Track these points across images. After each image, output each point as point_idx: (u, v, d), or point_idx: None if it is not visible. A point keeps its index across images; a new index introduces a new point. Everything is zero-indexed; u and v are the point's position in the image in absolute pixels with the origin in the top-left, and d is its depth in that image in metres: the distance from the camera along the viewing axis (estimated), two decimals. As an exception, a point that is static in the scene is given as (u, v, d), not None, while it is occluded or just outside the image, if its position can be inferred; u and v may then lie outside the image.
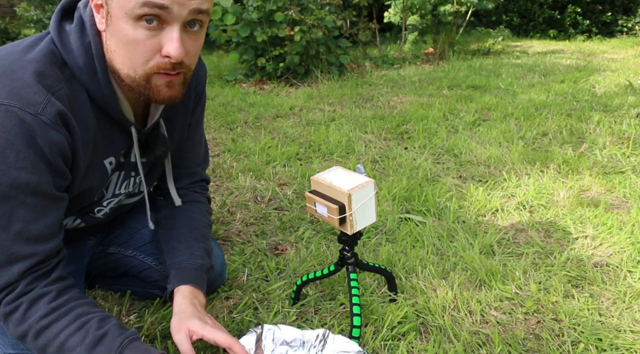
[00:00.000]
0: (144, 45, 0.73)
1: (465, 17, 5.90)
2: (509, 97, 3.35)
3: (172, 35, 0.73)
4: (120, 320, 1.14)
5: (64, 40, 0.79)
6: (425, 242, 1.46)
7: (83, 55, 0.78)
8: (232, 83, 4.10)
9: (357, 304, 1.02)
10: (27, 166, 0.73)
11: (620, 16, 8.32)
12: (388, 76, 4.24)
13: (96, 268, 1.19)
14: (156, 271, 1.16)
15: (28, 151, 0.73)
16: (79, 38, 0.78)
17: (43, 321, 0.77)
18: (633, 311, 1.16)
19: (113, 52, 0.77)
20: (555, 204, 1.71)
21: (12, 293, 0.77)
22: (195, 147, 1.12)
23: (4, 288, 0.77)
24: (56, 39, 0.79)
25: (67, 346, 0.77)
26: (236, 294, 1.24)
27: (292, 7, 3.79)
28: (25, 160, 0.73)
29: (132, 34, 0.73)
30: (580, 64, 4.93)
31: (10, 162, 0.72)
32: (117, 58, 0.77)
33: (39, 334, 0.77)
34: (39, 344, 0.78)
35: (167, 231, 1.07)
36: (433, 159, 2.20)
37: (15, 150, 0.72)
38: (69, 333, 0.77)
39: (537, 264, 1.36)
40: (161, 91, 0.79)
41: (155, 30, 0.73)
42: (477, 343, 1.06)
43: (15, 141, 0.72)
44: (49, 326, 0.77)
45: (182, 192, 1.10)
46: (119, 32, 0.73)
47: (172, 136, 1.02)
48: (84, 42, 0.78)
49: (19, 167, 0.73)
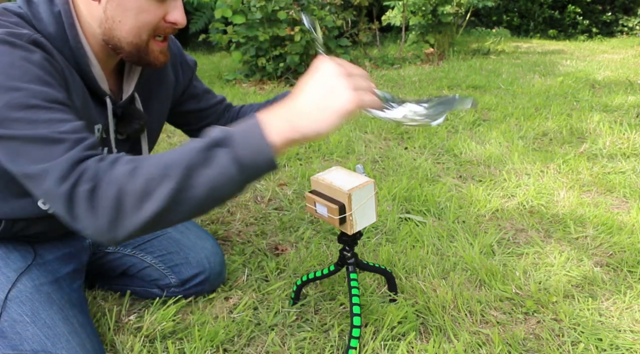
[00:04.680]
0: (154, 14, 0.82)
1: (465, 17, 5.91)
2: (509, 97, 3.35)
3: (177, 4, 0.84)
4: (120, 320, 1.14)
5: (33, 10, 0.80)
6: (425, 242, 1.46)
7: (53, 24, 0.80)
8: (232, 83, 4.10)
9: (357, 304, 1.02)
10: (35, 79, 0.72)
11: (621, 16, 8.32)
12: (388, 76, 4.24)
13: (95, 268, 1.19)
14: (155, 270, 1.16)
15: (30, 66, 0.72)
16: (47, 7, 0.80)
17: (131, 164, 0.67)
18: (633, 311, 1.15)
19: (118, 22, 0.81)
20: (555, 204, 1.71)
21: (84, 174, 0.66)
22: (208, 94, 1.20)
23: (73, 169, 0.66)
24: (25, 8, 0.80)
25: (166, 164, 0.66)
26: (236, 294, 1.23)
27: (293, 7, 3.79)
28: (31, 74, 0.71)
29: (146, 4, 0.80)
30: (580, 64, 4.93)
31: (17, 76, 0.70)
32: (123, 27, 0.82)
33: (135, 172, 0.65)
34: (138, 186, 0.64)
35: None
36: (433, 159, 2.20)
37: (17, 66, 0.70)
38: (160, 156, 0.68)
39: (537, 264, 1.36)
40: (158, 56, 0.88)
41: (164, 1, 0.82)
42: (477, 343, 1.06)
43: (13, 61, 0.70)
44: (139, 164, 0.66)
45: (230, 120, 1.19)
46: (130, 3, 0.80)
47: (149, 112, 1.03)
48: (53, 11, 0.80)
49: (27, 80, 0.71)
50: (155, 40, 0.86)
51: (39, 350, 0.87)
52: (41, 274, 0.97)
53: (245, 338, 1.08)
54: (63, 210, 0.66)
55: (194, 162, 0.65)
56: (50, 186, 0.66)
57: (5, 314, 0.89)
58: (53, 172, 0.66)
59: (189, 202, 0.66)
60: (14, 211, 0.91)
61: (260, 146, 0.65)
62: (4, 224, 0.92)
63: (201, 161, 0.65)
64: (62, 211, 0.66)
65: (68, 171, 0.66)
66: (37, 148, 0.68)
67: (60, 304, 0.94)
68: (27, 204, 0.90)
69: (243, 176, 0.66)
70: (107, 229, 0.66)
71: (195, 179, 0.65)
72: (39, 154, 0.67)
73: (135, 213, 0.65)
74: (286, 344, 1.06)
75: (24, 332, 0.88)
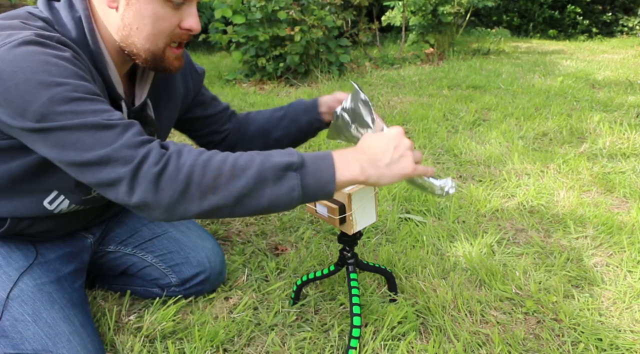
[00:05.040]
0: (170, 21, 0.83)
1: (465, 17, 5.91)
2: (509, 97, 3.35)
3: (192, 11, 0.85)
4: (120, 320, 1.14)
5: (55, 15, 0.81)
6: (425, 242, 1.47)
7: (75, 28, 0.81)
8: (232, 83, 4.10)
9: (357, 304, 1.02)
10: (73, 74, 0.73)
11: (621, 16, 8.32)
12: (388, 76, 4.24)
13: (96, 267, 1.19)
14: (156, 269, 1.16)
15: (65, 63, 0.73)
16: (68, 13, 0.81)
17: (203, 156, 0.73)
18: (633, 311, 1.16)
19: (135, 29, 0.82)
20: (555, 204, 1.71)
21: (150, 155, 0.71)
22: (215, 102, 1.21)
23: (136, 152, 0.71)
24: (47, 13, 0.81)
25: (240, 166, 0.73)
26: (236, 294, 1.24)
27: (292, 7, 3.79)
28: (69, 70, 0.73)
29: (162, 12, 0.82)
30: (580, 64, 4.93)
31: (55, 72, 0.71)
32: (140, 34, 0.83)
33: (206, 166, 0.72)
34: (208, 177, 0.72)
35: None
36: (433, 159, 2.20)
37: (54, 64, 0.71)
38: (235, 157, 0.75)
39: (537, 264, 1.36)
40: (173, 62, 0.89)
41: (179, 8, 0.83)
42: (477, 343, 1.06)
43: (49, 59, 0.71)
44: (211, 158, 0.73)
45: (235, 127, 1.20)
46: (147, 10, 0.81)
47: (158, 119, 1.03)
48: (74, 17, 0.81)
49: (66, 76, 0.72)
50: (170, 47, 0.87)
51: (40, 350, 0.87)
52: (43, 273, 0.97)
53: (245, 338, 1.08)
54: (125, 190, 0.70)
55: (267, 176, 0.74)
56: (114, 171, 0.70)
57: (6, 313, 0.89)
58: (116, 158, 0.70)
59: (248, 207, 0.75)
60: (18, 209, 0.91)
61: (328, 182, 0.77)
62: (9, 223, 0.93)
63: (273, 177, 0.74)
64: (124, 191, 0.71)
65: (132, 154, 0.70)
66: (89, 135, 0.70)
67: (61, 303, 0.95)
68: (32, 203, 0.90)
69: (301, 200, 0.76)
70: (165, 208, 0.71)
71: (262, 190, 0.74)
72: (91, 141, 0.70)
73: (197, 201, 0.72)
74: (286, 344, 1.06)
75: (25, 331, 0.88)
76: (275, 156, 0.76)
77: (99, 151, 0.70)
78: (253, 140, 1.19)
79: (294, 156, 0.76)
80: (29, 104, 0.69)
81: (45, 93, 0.69)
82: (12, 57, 0.70)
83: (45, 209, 0.92)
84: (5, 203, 0.90)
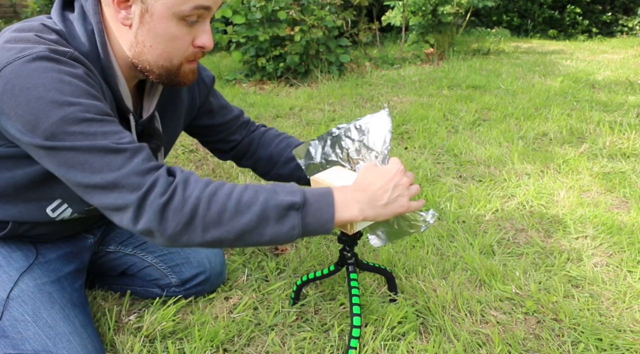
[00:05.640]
0: (184, 40, 0.83)
1: (465, 17, 5.91)
2: (509, 97, 3.35)
3: (205, 28, 0.84)
4: (120, 320, 1.14)
5: (68, 27, 0.81)
6: (425, 242, 1.47)
7: (87, 41, 0.81)
8: (232, 83, 4.10)
9: (357, 304, 1.02)
10: (85, 93, 0.73)
11: (621, 16, 8.33)
12: (388, 76, 4.24)
13: (96, 267, 1.19)
14: (156, 269, 1.16)
15: (78, 81, 0.73)
16: (82, 25, 0.81)
17: (209, 188, 0.75)
18: (633, 311, 1.16)
19: (149, 47, 0.82)
20: (555, 204, 1.72)
21: (157, 184, 0.73)
22: (224, 110, 1.18)
23: (143, 179, 0.72)
24: (60, 25, 0.81)
25: (244, 202, 0.76)
26: (236, 294, 1.24)
27: (292, 7, 3.79)
28: (81, 89, 0.73)
29: (176, 31, 0.81)
30: (580, 64, 4.94)
31: (68, 91, 0.71)
32: (153, 52, 0.82)
33: (211, 200, 0.74)
34: (212, 212, 0.74)
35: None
36: (433, 159, 2.20)
37: (66, 82, 0.72)
38: (240, 192, 0.77)
39: (537, 264, 1.36)
40: (188, 75, 0.89)
41: (192, 25, 0.82)
42: (477, 343, 1.06)
43: (61, 77, 0.71)
44: (216, 192, 0.75)
45: (246, 140, 1.19)
46: (161, 29, 0.80)
47: (163, 130, 1.03)
48: (87, 29, 0.81)
49: (79, 95, 0.72)
50: (188, 62, 0.87)
51: (40, 350, 0.87)
52: (43, 273, 0.97)
53: (245, 338, 1.08)
54: (130, 217, 0.72)
55: (269, 215, 0.77)
56: (120, 197, 0.72)
57: (6, 313, 0.89)
58: (123, 184, 0.71)
59: (249, 242, 0.78)
60: (21, 214, 0.91)
61: (327, 222, 0.80)
62: (11, 226, 0.93)
63: (276, 216, 0.77)
64: (129, 217, 0.72)
65: (139, 182, 0.72)
66: (97, 158, 0.71)
67: (61, 303, 0.95)
68: (35, 209, 0.91)
69: (300, 236, 0.80)
70: (168, 237, 0.74)
71: (264, 228, 0.77)
72: (100, 164, 0.71)
73: (201, 234, 0.75)
74: (286, 344, 1.06)
75: (25, 331, 0.88)
76: (280, 193, 0.79)
77: (107, 175, 0.71)
78: (258, 162, 1.19)
79: (297, 195, 0.79)
80: (39, 121, 0.70)
81: (57, 112, 0.70)
82: (26, 72, 0.70)
83: (47, 216, 0.92)
84: (9, 208, 0.90)
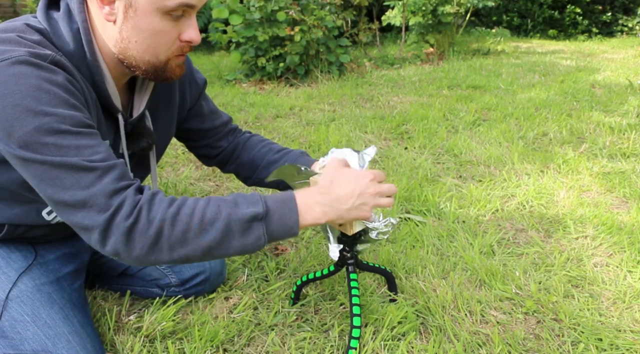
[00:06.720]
0: (170, 35, 0.82)
1: (465, 17, 5.91)
2: (509, 97, 3.35)
3: (192, 22, 0.83)
4: (120, 320, 1.14)
5: (53, 26, 0.80)
6: (425, 242, 1.46)
7: (72, 41, 0.80)
8: (232, 83, 4.10)
9: (357, 304, 1.02)
10: (63, 103, 0.72)
11: (621, 16, 8.33)
12: (388, 76, 4.24)
13: (96, 267, 1.19)
14: (156, 269, 1.16)
15: (57, 89, 0.72)
16: (67, 24, 0.80)
17: (172, 208, 0.75)
18: (633, 311, 1.16)
19: (134, 43, 0.81)
20: (555, 204, 1.71)
21: (123, 206, 0.72)
22: (213, 115, 1.18)
23: (110, 201, 0.72)
24: (45, 24, 0.80)
25: (207, 219, 0.76)
26: (236, 294, 1.24)
27: (292, 7, 3.79)
28: (59, 98, 0.72)
29: (161, 25, 0.80)
30: (580, 64, 4.94)
31: (45, 101, 0.71)
32: (138, 47, 0.82)
33: (175, 220, 0.75)
34: (177, 232, 0.75)
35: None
36: (433, 159, 2.20)
37: (45, 90, 0.71)
38: (202, 208, 0.77)
39: (537, 264, 1.36)
40: (175, 70, 0.88)
41: (178, 20, 0.82)
42: (477, 343, 1.06)
43: (40, 84, 0.71)
44: (179, 211, 0.76)
45: (231, 146, 1.19)
46: (145, 24, 0.79)
47: (156, 129, 1.03)
48: (72, 28, 0.80)
49: (56, 105, 0.72)
50: (175, 57, 0.86)
51: (40, 350, 0.87)
52: (42, 273, 0.97)
53: (245, 338, 1.08)
54: (97, 238, 0.73)
55: (233, 229, 0.77)
56: (87, 217, 0.72)
57: (6, 313, 0.89)
58: (91, 204, 0.72)
59: (217, 256, 0.79)
60: (18, 217, 0.91)
61: (292, 228, 0.81)
62: (7, 229, 0.93)
63: (240, 230, 0.78)
64: (96, 238, 0.73)
65: (106, 203, 0.72)
66: (68, 174, 0.71)
67: (61, 304, 0.94)
68: (31, 211, 0.91)
69: (267, 244, 0.81)
70: (136, 258, 0.75)
71: (230, 242, 0.78)
72: (70, 181, 0.71)
73: (167, 253, 0.75)
74: (286, 344, 1.06)
75: (24, 332, 0.88)
76: (241, 205, 0.79)
77: (76, 193, 0.71)
78: (241, 166, 1.19)
79: (258, 205, 0.79)
80: (14, 129, 0.69)
81: (32, 121, 0.69)
82: (4, 78, 0.69)
83: (43, 219, 0.92)
84: (5, 210, 0.90)
